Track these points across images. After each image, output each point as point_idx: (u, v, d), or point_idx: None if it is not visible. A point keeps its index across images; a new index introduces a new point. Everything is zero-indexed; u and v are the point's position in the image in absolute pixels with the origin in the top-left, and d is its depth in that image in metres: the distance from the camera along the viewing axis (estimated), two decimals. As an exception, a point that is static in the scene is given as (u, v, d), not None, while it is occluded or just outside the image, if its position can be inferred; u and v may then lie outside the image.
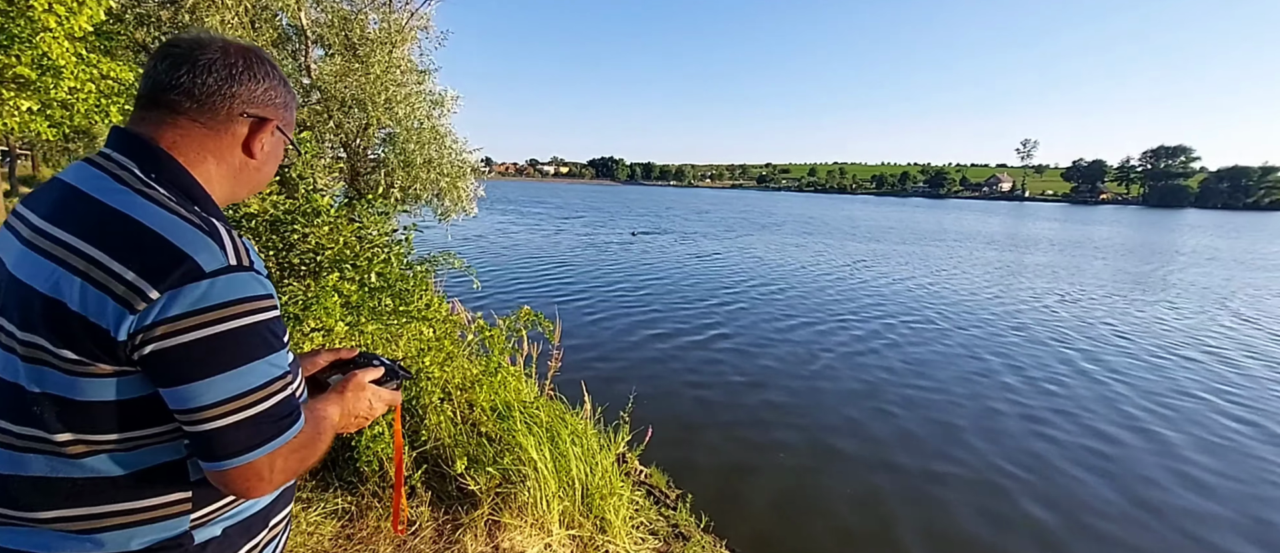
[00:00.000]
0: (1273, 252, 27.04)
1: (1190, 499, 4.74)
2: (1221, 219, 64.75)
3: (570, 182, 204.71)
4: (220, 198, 0.89)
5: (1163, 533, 4.30)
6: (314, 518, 2.50)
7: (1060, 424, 5.99)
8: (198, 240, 0.74)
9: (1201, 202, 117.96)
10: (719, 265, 17.21)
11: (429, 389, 3.08)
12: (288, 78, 0.99)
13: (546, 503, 2.83)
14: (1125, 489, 4.83)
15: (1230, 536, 4.29)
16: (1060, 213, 75.08)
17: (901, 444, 5.49)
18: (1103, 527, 4.32)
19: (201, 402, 0.73)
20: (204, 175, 0.85)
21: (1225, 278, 17.64)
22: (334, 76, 8.28)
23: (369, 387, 1.07)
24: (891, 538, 4.12)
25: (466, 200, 10.00)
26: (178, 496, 0.81)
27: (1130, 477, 5.03)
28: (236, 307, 0.75)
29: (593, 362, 7.59)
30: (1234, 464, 5.30)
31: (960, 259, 20.52)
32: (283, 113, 0.94)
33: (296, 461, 0.83)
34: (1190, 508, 4.62)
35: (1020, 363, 8.05)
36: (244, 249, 0.79)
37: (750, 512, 4.32)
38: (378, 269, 3.50)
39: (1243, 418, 6.38)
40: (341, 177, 9.12)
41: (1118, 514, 4.48)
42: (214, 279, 0.73)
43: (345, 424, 1.03)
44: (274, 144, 0.94)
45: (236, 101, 0.86)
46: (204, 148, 0.85)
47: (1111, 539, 4.19)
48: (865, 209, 66.71)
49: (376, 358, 1.15)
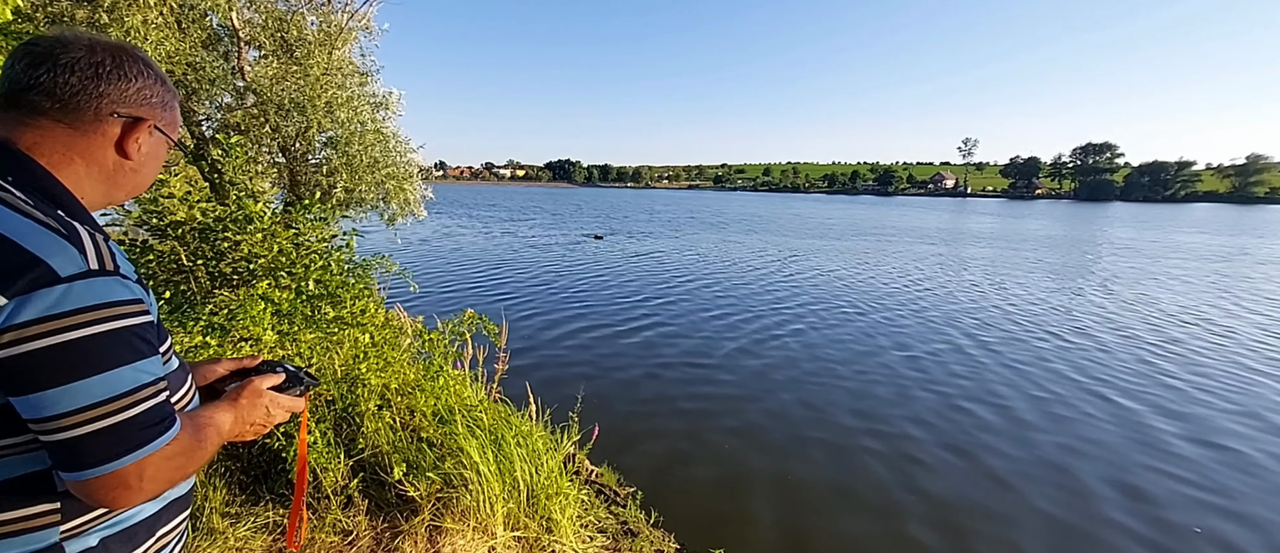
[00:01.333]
0: (1177, 240, 29.10)
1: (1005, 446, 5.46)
2: (1140, 212, 69.10)
3: (527, 185, 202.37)
4: (92, 201, 0.87)
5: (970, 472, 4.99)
6: (243, 533, 2.42)
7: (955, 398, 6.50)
8: (52, 244, 0.72)
9: (1126, 195, 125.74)
10: (665, 263, 17.48)
11: (366, 396, 3.02)
12: (217, 79, 0.97)
13: (490, 506, 2.81)
14: (961, 435, 5.69)
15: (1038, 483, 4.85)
16: (998, 207, 78.70)
17: (803, 418, 6.04)
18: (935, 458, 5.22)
19: (56, 409, 0.71)
20: (70, 177, 0.83)
21: (1128, 266, 18.84)
22: (270, 79, 7.96)
23: (267, 393, 1.06)
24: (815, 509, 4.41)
25: (415, 203, 9.77)
26: (43, 507, 0.78)
27: (971, 433, 5.75)
28: (96, 312, 0.73)
29: (540, 363, 7.61)
30: (1055, 418, 6.07)
31: (895, 254, 21.31)
32: (161, 112, 0.92)
33: (171, 468, 0.80)
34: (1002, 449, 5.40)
35: (937, 346, 8.61)
36: (109, 253, 0.77)
37: (696, 503, 4.40)
38: (316, 275, 3.41)
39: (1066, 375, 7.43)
40: (280, 182, 8.79)
41: (948, 451, 5.35)
42: (70, 284, 0.71)
43: (239, 432, 1.02)
44: (153, 144, 0.92)
45: (105, 101, 0.84)
46: (70, 149, 0.83)
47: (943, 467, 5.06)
48: (816, 207, 68.39)
49: (279, 365, 1.14)
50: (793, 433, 5.66)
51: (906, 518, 4.29)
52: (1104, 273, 16.98)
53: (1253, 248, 25.41)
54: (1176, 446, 5.45)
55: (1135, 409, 6.30)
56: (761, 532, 4.11)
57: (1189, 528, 4.22)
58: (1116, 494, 4.64)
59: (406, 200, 9.46)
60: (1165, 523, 4.30)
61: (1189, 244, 26.92)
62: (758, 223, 37.94)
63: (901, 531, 4.16)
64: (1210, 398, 6.65)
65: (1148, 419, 6.03)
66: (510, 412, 3.68)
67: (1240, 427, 5.86)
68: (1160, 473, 4.98)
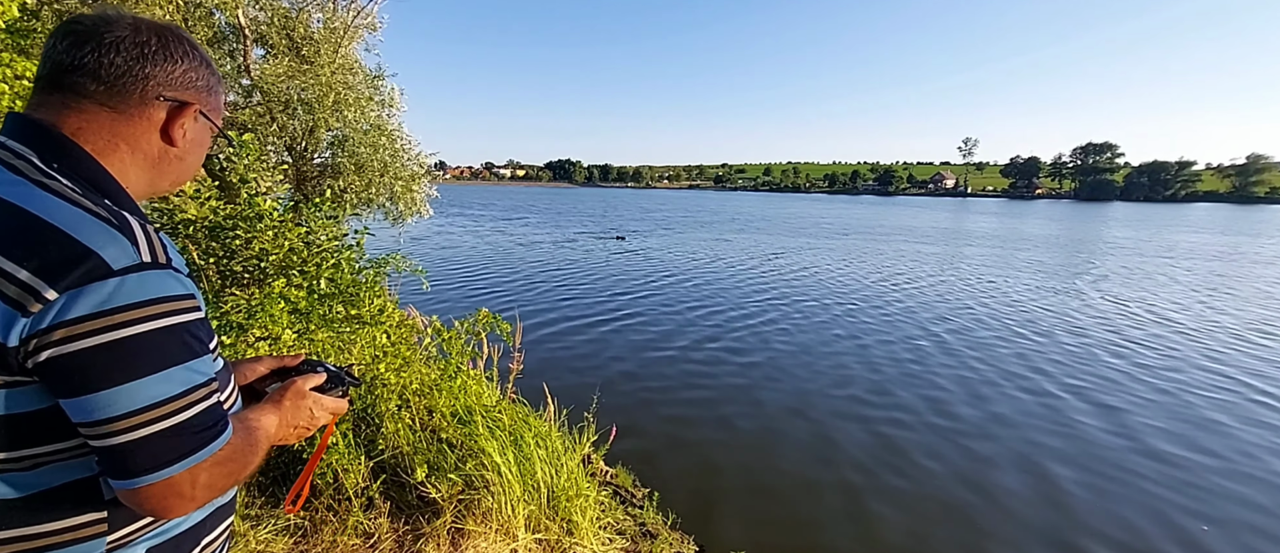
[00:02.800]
0: (1172, 241, 29.12)
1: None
2: (1140, 212, 68.97)
3: (527, 185, 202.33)
4: (138, 190, 0.82)
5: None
6: (264, 536, 2.38)
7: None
8: (105, 235, 0.67)
9: (1126, 195, 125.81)
10: (671, 261, 17.50)
11: (385, 397, 2.97)
12: (224, 78, 0.92)
13: (512, 508, 2.77)
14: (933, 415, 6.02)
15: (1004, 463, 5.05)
16: (998, 207, 78.58)
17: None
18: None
19: (109, 413, 0.66)
20: (116, 165, 0.78)
21: (1119, 265, 18.84)
22: (277, 77, 7.92)
23: (310, 394, 1.00)
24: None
25: (421, 203, 9.74)
26: (89, 517, 0.73)
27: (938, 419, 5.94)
28: (150, 307, 0.68)
29: (553, 363, 7.55)
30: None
31: (915, 255, 21.32)
32: (206, 97, 0.86)
33: (223, 474, 0.76)
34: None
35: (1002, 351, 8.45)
36: (161, 245, 0.72)
37: (715, 504, 4.35)
38: (328, 274, 3.36)
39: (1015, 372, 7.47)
40: (287, 180, 8.74)
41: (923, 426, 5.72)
42: (123, 277, 0.66)
43: (284, 435, 0.96)
44: (198, 131, 0.87)
45: (150, 84, 0.78)
46: (115, 134, 0.78)
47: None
48: (819, 207, 68.34)
49: (321, 364, 1.09)
50: (817, 433, 5.58)
51: (930, 521, 4.23)
52: (1098, 272, 17.10)
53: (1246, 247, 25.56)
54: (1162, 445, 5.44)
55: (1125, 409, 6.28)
56: (785, 537, 4.05)
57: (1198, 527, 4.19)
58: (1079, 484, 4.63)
59: (413, 200, 9.42)
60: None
61: (1186, 244, 26.95)
62: (772, 224, 37.86)
63: (926, 532, 4.10)
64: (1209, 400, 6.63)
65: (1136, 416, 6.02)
66: (528, 412, 3.63)
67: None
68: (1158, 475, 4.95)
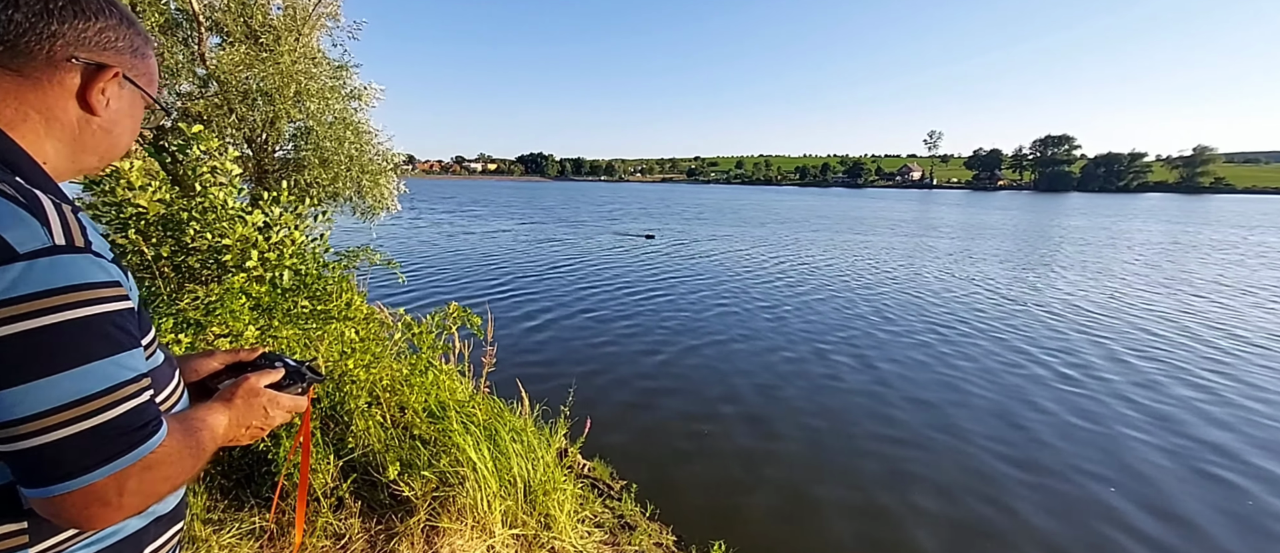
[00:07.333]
0: (1122, 228, 30.58)
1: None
2: (1095, 202, 71.80)
3: (499, 179, 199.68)
4: (59, 168, 0.74)
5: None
6: (228, 540, 2.28)
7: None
8: (10, 215, 0.60)
9: (1082, 186, 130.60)
10: (644, 254, 17.47)
11: (354, 393, 2.88)
12: (177, 67, 0.83)
13: (488, 504, 2.72)
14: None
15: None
16: (961, 198, 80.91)
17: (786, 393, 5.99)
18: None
19: (17, 413, 0.59)
20: (29, 138, 0.70)
21: (1074, 253, 19.68)
22: (235, 66, 7.61)
23: (265, 392, 0.93)
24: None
25: (389, 198, 9.51)
26: (8, 528, 0.66)
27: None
28: (64, 295, 0.61)
29: (526, 356, 7.50)
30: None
31: (869, 245, 21.82)
32: (130, 59, 0.77)
33: (157, 480, 0.68)
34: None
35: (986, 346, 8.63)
36: (79, 226, 0.65)
37: (692, 495, 4.36)
38: (289, 265, 3.24)
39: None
40: (246, 175, 8.44)
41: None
42: (31, 262, 0.59)
43: (235, 436, 0.89)
44: (126, 98, 0.78)
45: (59, 42, 0.70)
46: (23, 102, 0.69)
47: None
48: (789, 199, 69.23)
49: (280, 358, 1.02)
50: (795, 423, 5.64)
51: (903, 513, 4.28)
52: (1057, 260, 17.81)
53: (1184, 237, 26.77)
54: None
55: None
56: (760, 524, 4.08)
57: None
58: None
59: (381, 195, 9.20)
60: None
61: (1140, 233, 28.14)
62: (742, 215, 38.29)
63: (898, 528, 4.15)
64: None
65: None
66: (502, 406, 3.57)
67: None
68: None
